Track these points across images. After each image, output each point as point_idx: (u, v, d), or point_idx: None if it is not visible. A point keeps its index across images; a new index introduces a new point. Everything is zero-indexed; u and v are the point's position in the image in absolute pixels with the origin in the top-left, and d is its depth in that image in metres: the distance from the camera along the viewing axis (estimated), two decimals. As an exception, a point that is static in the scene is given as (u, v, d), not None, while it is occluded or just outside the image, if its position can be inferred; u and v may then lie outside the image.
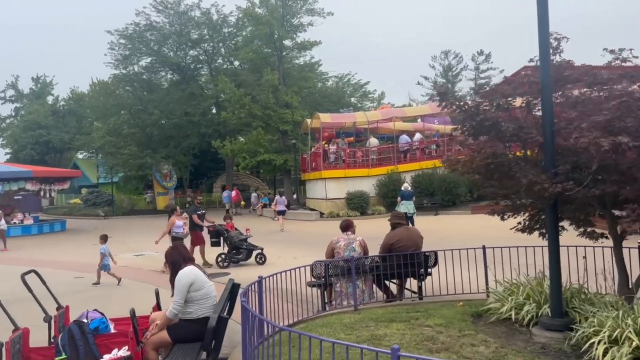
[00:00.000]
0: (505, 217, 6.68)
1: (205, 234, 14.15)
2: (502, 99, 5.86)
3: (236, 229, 14.37)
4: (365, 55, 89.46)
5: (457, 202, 26.07)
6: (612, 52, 5.46)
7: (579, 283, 6.39)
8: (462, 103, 6.04)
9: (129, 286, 11.28)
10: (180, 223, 13.10)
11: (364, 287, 8.13)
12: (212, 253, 13.87)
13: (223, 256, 13.42)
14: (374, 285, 8.32)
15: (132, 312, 5.19)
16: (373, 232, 11.32)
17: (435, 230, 18.50)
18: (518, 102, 6.19)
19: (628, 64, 5.47)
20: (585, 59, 6.11)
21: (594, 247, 7.05)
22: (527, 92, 5.99)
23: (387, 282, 8.38)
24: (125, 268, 13.92)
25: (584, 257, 6.83)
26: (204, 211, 14.66)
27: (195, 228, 13.80)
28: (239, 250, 13.47)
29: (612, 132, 4.71)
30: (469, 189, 26.26)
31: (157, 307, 5.71)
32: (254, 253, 13.54)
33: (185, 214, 13.99)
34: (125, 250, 17.94)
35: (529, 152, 6.33)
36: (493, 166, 6.19)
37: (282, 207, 24.78)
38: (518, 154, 6.50)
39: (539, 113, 6.15)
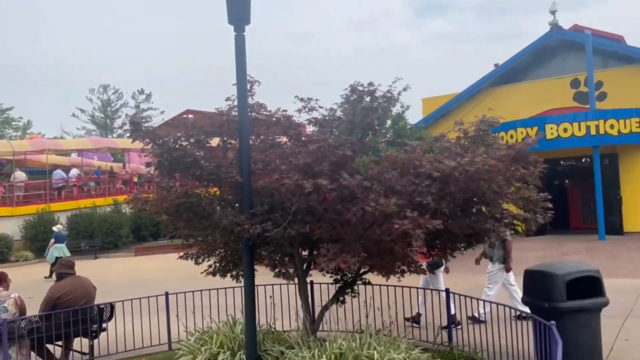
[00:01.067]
0: (200, 260, 6.31)
1: None
2: (202, 136, 5.56)
3: None
4: (9, 78, 77.96)
5: (119, 244, 24.55)
6: (302, 100, 5.81)
7: (268, 323, 6.47)
8: (158, 136, 5.47)
9: None
10: None
11: (17, 356, 6.48)
12: None
13: None
14: (33, 352, 6.73)
15: None
16: (19, 284, 9.34)
17: (97, 276, 16.78)
18: (215, 141, 6.00)
19: (314, 113, 5.91)
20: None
21: (273, 285, 7.32)
22: (224, 132, 5.84)
23: (49, 346, 6.91)
24: None
25: (271, 297, 6.99)
26: None
27: None
28: None
29: (311, 174, 4.90)
30: (132, 229, 25.18)
31: None
32: None
33: None
34: None
35: (219, 192, 6.18)
36: (185, 206, 5.78)
37: None
38: (210, 192, 6.27)
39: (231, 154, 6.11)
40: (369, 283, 6.57)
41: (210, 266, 6.56)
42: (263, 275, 7.06)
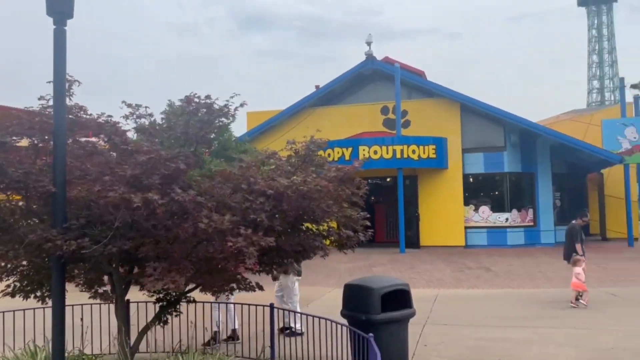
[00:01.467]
0: (-3, 281, 5.44)
1: None
2: (8, 137, 4.83)
3: None
4: None
5: None
6: (129, 106, 5.42)
7: (76, 347, 5.85)
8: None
9: None
10: None
11: None
12: None
13: None
14: None
15: None
16: None
17: None
18: (24, 142, 5.27)
19: (143, 120, 5.55)
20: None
21: (82, 304, 6.65)
22: (36, 134, 5.16)
23: None
24: None
25: (82, 319, 6.33)
26: None
27: None
28: None
29: (139, 188, 4.58)
30: None
31: None
32: None
33: None
34: None
35: (23, 202, 5.44)
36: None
37: None
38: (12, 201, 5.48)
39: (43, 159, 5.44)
40: (194, 301, 6.33)
41: (8, 286, 5.70)
42: (72, 293, 6.38)
